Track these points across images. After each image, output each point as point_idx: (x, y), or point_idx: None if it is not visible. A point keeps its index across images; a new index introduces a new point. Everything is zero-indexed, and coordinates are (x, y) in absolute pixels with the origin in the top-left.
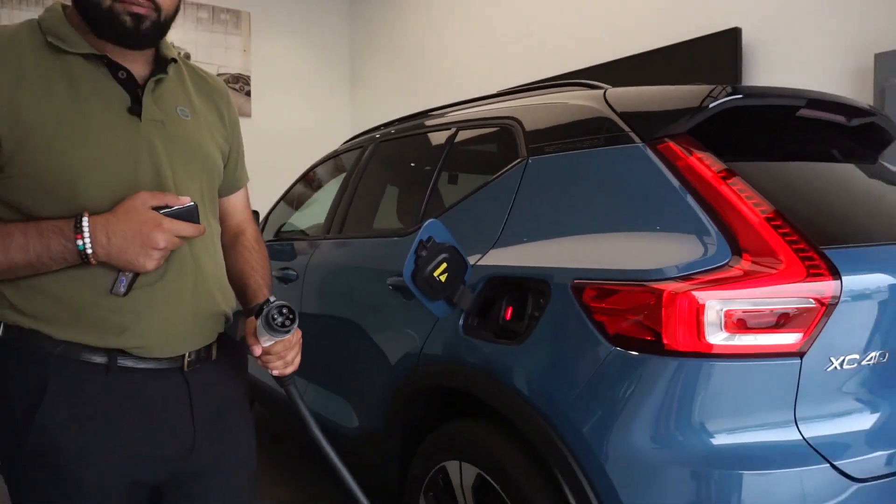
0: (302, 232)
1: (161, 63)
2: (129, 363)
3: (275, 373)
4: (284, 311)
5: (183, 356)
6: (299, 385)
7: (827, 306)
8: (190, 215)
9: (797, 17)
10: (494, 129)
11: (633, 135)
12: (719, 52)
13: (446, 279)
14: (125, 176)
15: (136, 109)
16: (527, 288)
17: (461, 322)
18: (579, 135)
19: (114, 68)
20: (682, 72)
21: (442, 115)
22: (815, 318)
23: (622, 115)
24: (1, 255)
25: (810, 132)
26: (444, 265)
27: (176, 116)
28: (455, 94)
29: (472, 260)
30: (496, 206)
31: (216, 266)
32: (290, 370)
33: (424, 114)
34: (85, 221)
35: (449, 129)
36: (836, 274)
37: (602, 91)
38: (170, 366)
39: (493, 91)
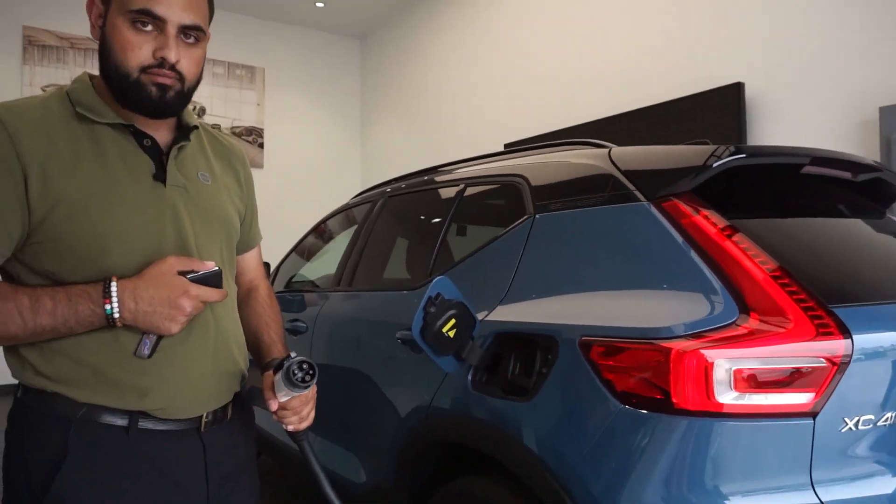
0: (312, 283)
1: (183, 130)
2: (149, 425)
3: (290, 428)
4: (305, 366)
5: (201, 417)
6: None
7: (838, 365)
8: (214, 280)
9: (800, 71)
10: (502, 185)
11: (637, 193)
12: (723, 106)
13: (455, 335)
14: (151, 240)
15: (160, 176)
16: (535, 344)
17: (470, 377)
18: (585, 192)
19: (139, 136)
20: (686, 125)
21: (450, 172)
22: (826, 377)
23: (627, 174)
24: (30, 320)
25: (816, 188)
26: (453, 321)
27: (197, 181)
28: (461, 146)
29: (480, 315)
30: (504, 262)
31: (234, 325)
32: (304, 425)
33: (434, 170)
34: (113, 286)
35: (457, 185)
36: (846, 333)
37: (607, 150)
38: (187, 427)
39: (499, 145)
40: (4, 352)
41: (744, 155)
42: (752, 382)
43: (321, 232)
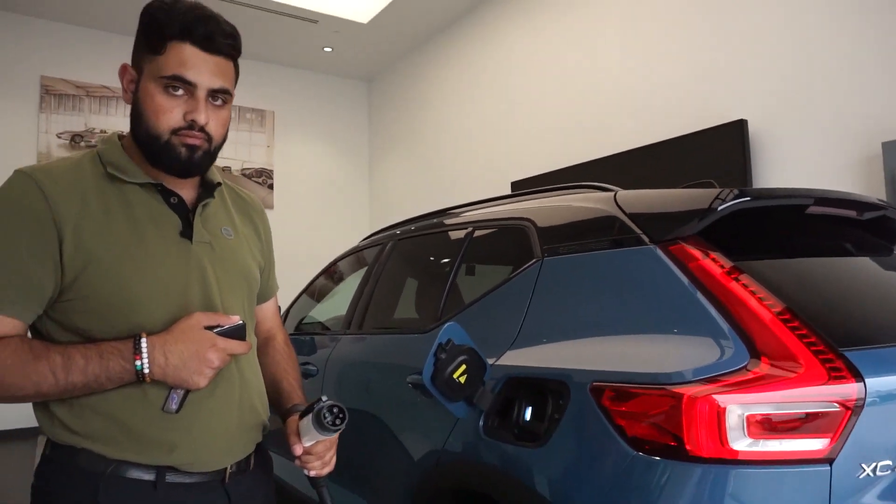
0: (322, 325)
1: (208, 187)
2: (176, 479)
3: (312, 473)
4: (335, 410)
5: (225, 468)
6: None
7: (852, 410)
8: (239, 333)
9: (803, 108)
10: (509, 229)
11: (644, 237)
12: (727, 144)
13: (466, 380)
14: (177, 295)
15: (187, 233)
16: (546, 389)
17: (481, 422)
18: (592, 236)
19: (166, 194)
20: (690, 163)
21: (459, 215)
22: (840, 422)
23: (632, 217)
24: (62, 378)
25: (822, 227)
26: (464, 367)
27: (221, 236)
28: (468, 184)
29: (490, 359)
30: (513, 306)
31: (256, 377)
32: (326, 471)
33: (442, 212)
34: (143, 343)
35: (466, 228)
36: (858, 376)
37: (612, 193)
38: (212, 479)
39: (505, 183)
40: (34, 408)
41: (748, 198)
42: (766, 428)
43: (331, 273)
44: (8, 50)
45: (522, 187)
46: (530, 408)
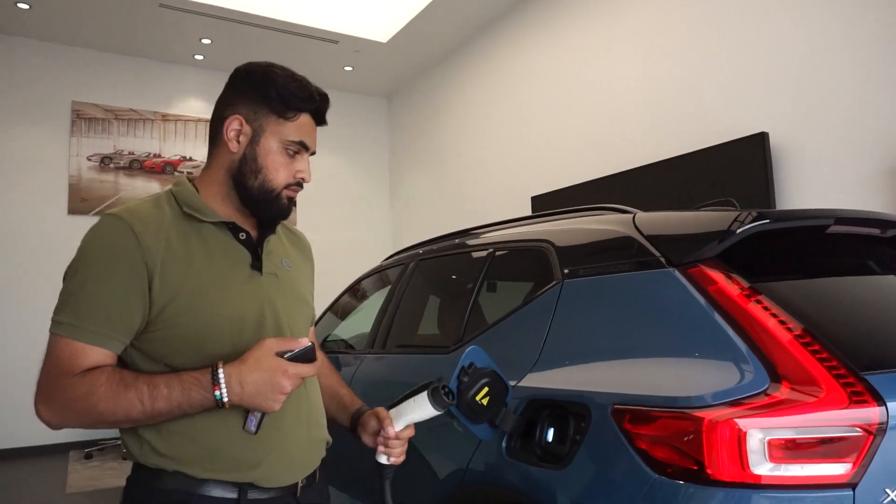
0: (346, 343)
1: (268, 224)
2: (256, 495)
3: (390, 460)
4: (445, 388)
5: (297, 483)
6: (345, 500)
7: (874, 434)
8: (309, 356)
9: (824, 120)
10: (529, 250)
11: (662, 259)
12: (748, 157)
13: (488, 402)
14: (252, 323)
15: (257, 266)
16: (567, 411)
17: (504, 444)
18: (611, 258)
19: (236, 231)
20: (711, 176)
21: (480, 236)
22: (863, 447)
23: (651, 240)
24: (148, 406)
25: (844, 245)
26: (486, 389)
27: (283, 268)
28: (488, 199)
29: (512, 381)
30: (534, 328)
31: (317, 395)
32: (401, 459)
33: (464, 233)
34: (221, 374)
35: (487, 249)
36: (880, 400)
37: (632, 215)
38: (286, 493)
39: (525, 198)
40: (122, 434)
41: (767, 220)
42: (787, 452)
43: (355, 291)
44: (41, 77)
45: (542, 202)
46: (552, 430)
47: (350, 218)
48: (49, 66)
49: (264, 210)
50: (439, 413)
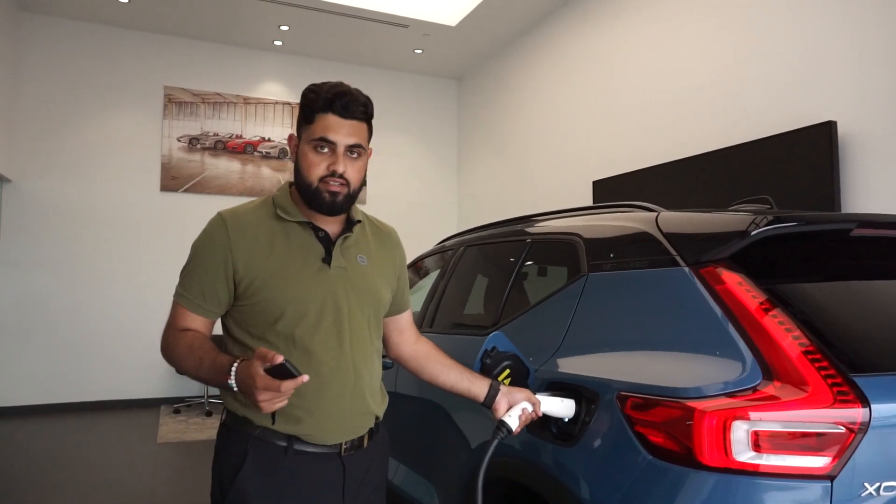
0: None
1: (349, 223)
2: (302, 447)
3: (515, 428)
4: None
5: (341, 444)
6: (393, 464)
7: (856, 432)
8: (279, 371)
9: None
10: (563, 242)
11: (678, 258)
12: (814, 146)
13: (510, 383)
14: (316, 307)
15: (327, 260)
16: (580, 395)
17: None
18: (632, 255)
19: (315, 230)
20: (774, 165)
21: (520, 226)
22: (844, 443)
23: (669, 238)
24: (196, 371)
25: (870, 247)
26: (508, 371)
27: (356, 263)
28: (551, 184)
29: (536, 365)
30: (559, 317)
31: (370, 375)
32: (517, 431)
33: (507, 223)
34: (233, 369)
35: (525, 238)
36: (864, 401)
37: (655, 214)
38: (331, 451)
39: (587, 183)
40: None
41: (784, 223)
42: (770, 444)
43: (418, 268)
44: (136, 64)
45: (603, 187)
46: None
47: (419, 198)
48: (143, 54)
49: (313, 204)
50: (568, 417)
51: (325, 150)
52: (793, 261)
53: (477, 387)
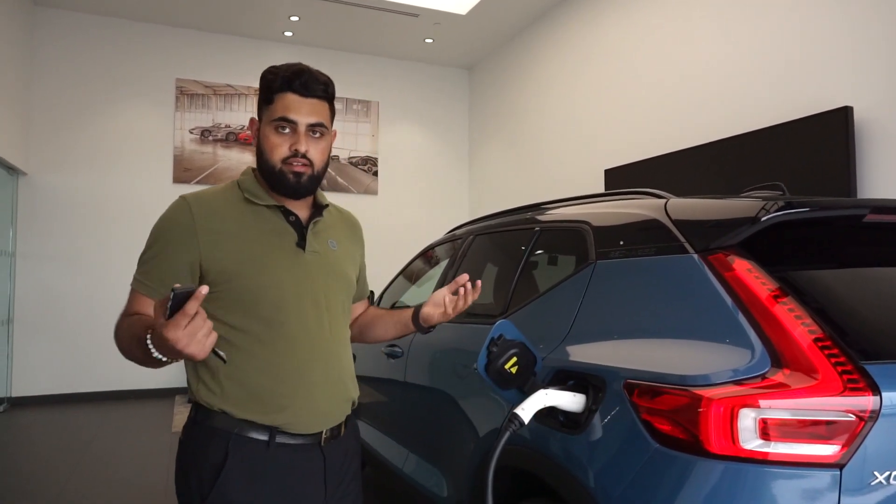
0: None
1: (318, 208)
2: (283, 439)
3: (525, 419)
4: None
5: (321, 433)
6: (402, 452)
7: (865, 421)
8: (179, 302)
9: None
10: (571, 231)
11: (687, 245)
12: (830, 132)
13: (517, 371)
14: (293, 293)
15: (301, 244)
16: (588, 383)
17: None
18: (640, 242)
19: (286, 214)
20: (789, 151)
21: (528, 214)
22: (853, 431)
23: (678, 225)
24: (130, 355)
25: (884, 233)
26: (514, 359)
27: (328, 248)
28: (563, 172)
29: (543, 354)
30: (567, 305)
31: (348, 361)
32: (527, 420)
33: (515, 211)
34: (148, 339)
35: (534, 226)
36: (875, 389)
37: (664, 201)
38: (311, 441)
39: (599, 171)
40: (187, 374)
41: (793, 209)
42: (778, 432)
43: (428, 258)
44: (148, 56)
45: (615, 176)
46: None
47: (429, 187)
48: (155, 47)
49: (278, 187)
50: (576, 412)
51: (287, 130)
52: (804, 248)
53: (405, 317)
